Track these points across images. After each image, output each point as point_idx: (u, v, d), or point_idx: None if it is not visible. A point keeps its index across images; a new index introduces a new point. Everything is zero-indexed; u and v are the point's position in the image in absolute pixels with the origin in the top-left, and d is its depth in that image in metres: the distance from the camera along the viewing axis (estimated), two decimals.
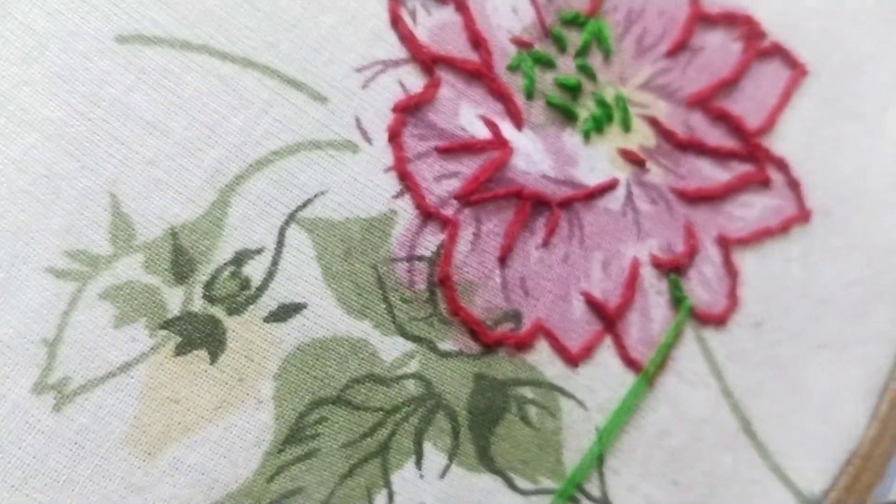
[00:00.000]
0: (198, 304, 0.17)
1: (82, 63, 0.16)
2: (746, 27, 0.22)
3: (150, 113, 0.17)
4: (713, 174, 0.21)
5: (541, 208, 0.19)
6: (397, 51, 0.18)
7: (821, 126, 0.22)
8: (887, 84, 0.24)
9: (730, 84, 0.21)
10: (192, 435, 0.16)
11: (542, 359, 0.19)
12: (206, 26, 0.17)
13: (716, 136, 0.21)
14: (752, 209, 0.21)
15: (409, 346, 0.18)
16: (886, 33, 0.24)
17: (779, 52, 0.22)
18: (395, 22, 0.18)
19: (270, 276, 0.17)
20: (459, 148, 0.19)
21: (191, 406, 0.16)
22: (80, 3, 0.16)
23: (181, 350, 0.16)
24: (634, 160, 0.21)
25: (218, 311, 0.17)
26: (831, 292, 0.22)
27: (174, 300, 0.16)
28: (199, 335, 0.16)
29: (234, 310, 0.17)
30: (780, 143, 0.22)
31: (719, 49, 0.22)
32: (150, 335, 0.16)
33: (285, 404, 0.17)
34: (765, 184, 0.21)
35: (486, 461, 0.18)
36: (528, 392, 0.19)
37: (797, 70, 0.22)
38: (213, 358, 0.16)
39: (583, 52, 0.20)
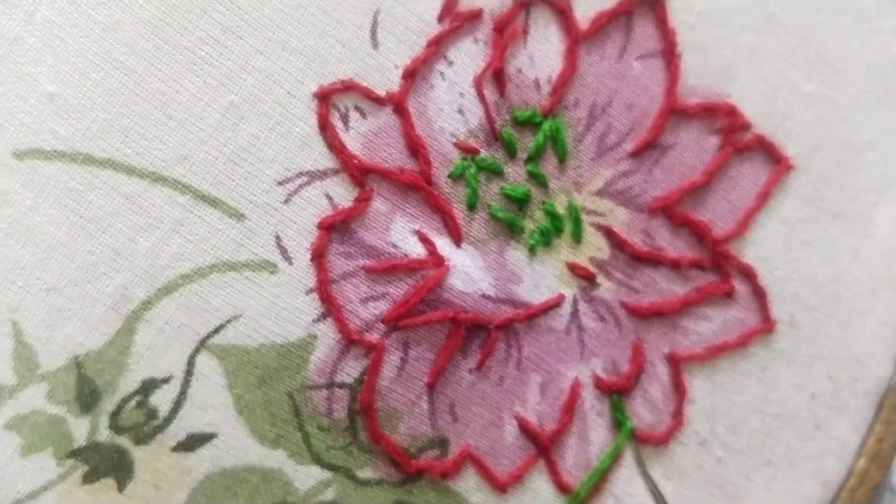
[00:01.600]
0: (104, 434, 0.16)
1: None
2: (727, 119, 0.19)
3: (51, 235, 0.15)
4: (671, 286, 0.19)
5: (477, 330, 0.18)
6: (325, 160, 0.17)
7: (800, 228, 0.20)
8: (882, 176, 0.21)
9: (700, 187, 0.19)
10: None
11: (469, 486, 0.18)
12: (112, 138, 0.15)
13: (680, 245, 0.19)
14: (709, 322, 0.20)
15: (326, 474, 0.17)
16: (888, 117, 0.21)
17: (762, 146, 0.20)
18: (324, 128, 0.16)
19: (178, 405, 0.16)
20: (389, 268, 0.17)
21: None
22: None
23: (89, 479, 0.16)
24: (583, 275, 0.19)
25: (124, 441, 0.16)
26: (787, 408, 0.20)
27: (80, 430, 0.16)
28: (107, 465, 0.16)
29: (141, 440, 0.16)
30: (751, 248, 0.20)
31: (693, 146, 0.19)
32: (57, 464, 0.16)
33: None
34: (728, 295, 0.19)
35: None
36: None
37: (780, 166, 0.20)
38: (122, 486, 0.16)
39: (535, 156, 0.18)
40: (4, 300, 0.15)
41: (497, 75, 0.18)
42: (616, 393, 0.19)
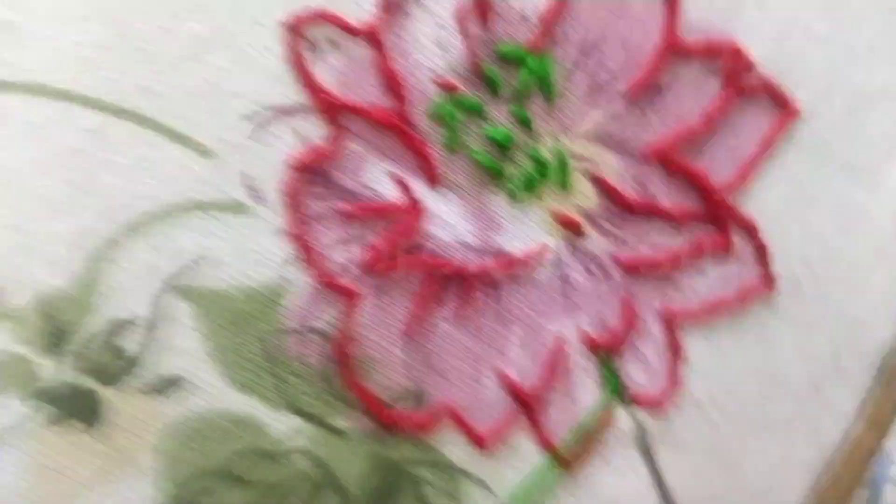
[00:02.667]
0: (69, 374, 0.15)
1: None
2: (730, 60, 0.17)
3: (10, 172, 0.14)
4: (664, 239, 0.17)
5: (455, 278, 0.16)
6: (295, 95, 0.15)
7: (806, 179, 0.18)
8: (894, 129, 0.18)
9: (699, 133, 0.17)
10: (76, 503, 0.15)
11: (447, 440, 0.16)
12: (70, 68, 0.14)
13: (674, 194, 0.17)
14: (706, 278, 0.18)
15: (299, 421, 0.16)
16: None
17: (767, 91, 0.17)
18: (294, 61, 0.15)
19: (146, 346, 0.15)
20: (363, 210, 0.16)
21: (72, 476, 0.15)
22: None
23: (56, 420, 0.15)
24: (569, 225, 0.17)
25: (91, 382, 0.15)
26: (785, 371, 0.18)
27: (45, 370, 0.15)
28: (74, 406, 0.15)
29: (109, 381, 0.15)
30: (753, 201, 0.18)
31: (692, 88, 0.17)
32: (21, 404, 0.15)
33: (166, 476, 0.15)
34: (726, 250, 0.18)
35: None
36: (426, 473, 0.16)
37: (786, 112, 0.17)
38: (90, 428, 0.15)
39: (520, 96, 0.16)
40: None
41: (481, 5, 0.16)
42: (604, 350, 0.17)
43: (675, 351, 0.18)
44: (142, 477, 0.15)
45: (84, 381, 0.15)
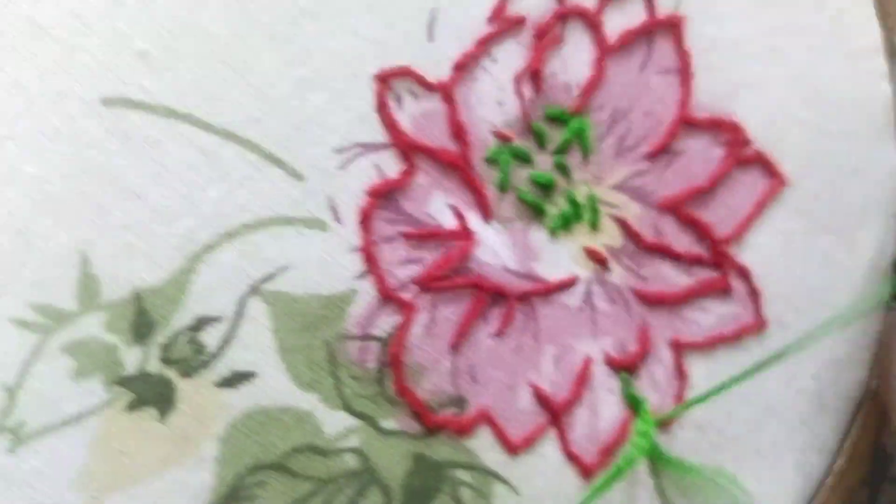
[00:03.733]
0: (153, 365, 0.15)
1: (67, 123, 0.15)
2: (731, 134, 0.19)
3: (128, 178, 0.15)
4: (675, 278, 0.19)
5: (498, 299, 0.18)
6: (378, 135, 0.17)
7: (792, 238, 0.20)
8: (865, 201, 0.21)
9: (705, 192, 0.19)
10: (137, 485, 0.15)
11: (483, 445, 0.17)
12: (193, 96, 0.15)
13: (684, 241, 0.19)
14: (709, 315, 0.19)
15: (352, 421, 0.16)
16: (872, 150, 0.21)
17: (760, 161, 0.20)
18: (381, 107, 0.17)
19: (226, 343, 0.16)
20: (425, 236, 0.17)
21: (137, 458, 0.15)
22: (70, 64, 0.15)
23: (133, 406, 0.15)
24: (597, 259, 0.18)
25: (172, 373, 0.15)
26: (776, 401, 0.20)
27: (131, 359, 0.15)
28: (152, 394, 0.15)
29: (188, 373, 0.15)
30: (748, 252, 0.20)
31: (700, 154, 0.19)
32: (105, 390, 0.15)
33: (227, 466, 0.16)
34: (725, 291, 0.19)
35: None
36: (464, 475, 0.17)
37: (776, 180, 0.20)
38: (162, 416, 0.15)
39: (562, 149, 0.18)
40: (77, 233, 0.15)
41: (534, 75, 0.18)
42: (625, 370, 0.18)
43: (681, 375, 0.19)
44: (203, 464, 0.15)
45: (165, 372, 0.15)
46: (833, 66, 0.21)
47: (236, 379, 0.15)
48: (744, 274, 0.20)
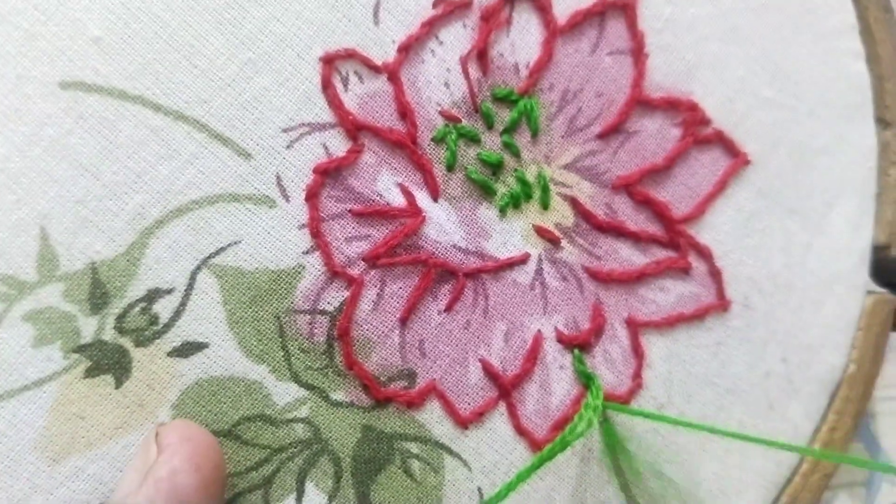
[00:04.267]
0: (109, 334, 0.15)
1: (27, 104, 0.15)
2: (688, 114, 0.19)
3: (83, 156, 0.15)
4: (631, 258, 0.18)
5: (448, 276, 0.17)
6: (325, 115, 0.16)
7: (755, 217, 0.19)
8: (836, 181, 0.20)
9: (660, 170, 0.18)
10: (94, 449, 0.15)
11: (432, 418, 0.17)
12: (145, 78, 0.15)
13: (640, 221, 0.19)
14: (667, 294, 0.19)
15: (302, 392, 0.16)
16: (844, 128, 0.20)
17: (720, 141, 0.19)
18: (326, 87, 0.16)
19: (178, 314, 0.16)
20: (373, 213, 0.17)
21: (94, 423, 0.15)
22: (29, 49, 0.15)
23: (90, 373, 0.15)
24: (549, 237, 0.18)
25: (126, 342, 0.16)
26: (739, 384, 0.19)
27: (88, 328, 0.15)
28: (108, 361, 0.15)
29: (142, 342, 0.16)
30: (708, 231, 0.19)
31: (656, 134, 0.19)
32: (63, 357, 0.15)
33: None
34: (684, 271, 0.19)
35: None
36: (413, 447, 0.17)
37: (738, 159, 0.19)
38: (118, 383, 0.15)
39: (509, 129, 0.18)
40: (37, 207, 0.15)
41: (481, 56, 0.17)
42: (577, 347, 0.18)
43: (638, 354, 0.18)
44: None
45: (120, 340, 0.15)
46: (801, 46, 0.20)
47: (188, 349, 0.16)
48: (704, 254, 0.19)
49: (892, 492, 0.22)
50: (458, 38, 0.18)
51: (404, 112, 0.17)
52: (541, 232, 0.18)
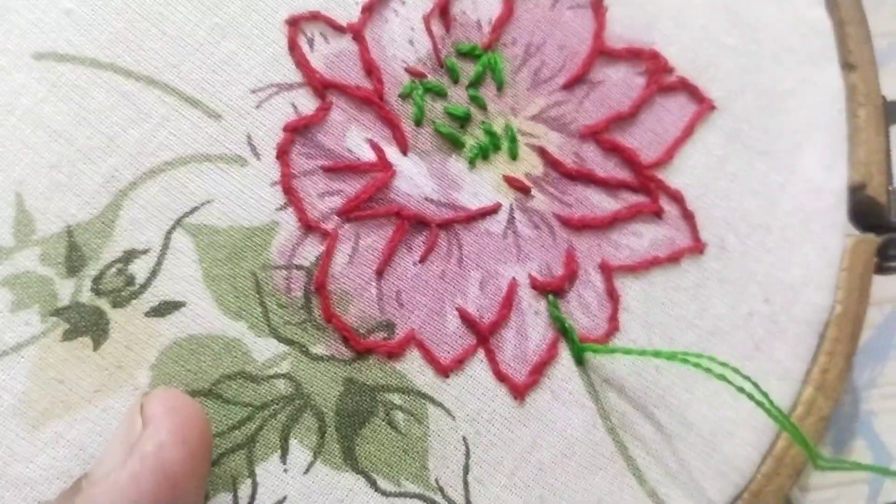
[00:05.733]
0: (86, 296, 0.15)
1: (1, 76, 0.16)
2: (651, 62, 0.19)
3: (57, 122, 0.16)
4: (602, 204, 0.19)
5: (422, 228, 0.17)
6: (292, 75, 0.17)
7: (726, 161, 0.19)
8: (805, 122, 0.20)
9: (626, 118, 0.19)
10: (73, 413, 0.15)
11: (413, 368, 0.17)
12: (115, 47, 0.16)
13: (609, 168, 0.19)
14: (641, 239, 0.19)
15: (282, 348, 0.16)
16: (809, 72, 0.20)
17: (685, 88, 0.19)
18: (292, 48, 0.17)
19: (154, 274, 0.16)
20: (344, 168, 0.17)
21: (73, 387, 0.15)
22: (3, 22, 0.16)
23: (68, 336, 0.15)
24: (518, 187, 0.18)
25: (103, 304, 0.15)
26: (722, 325, 0.19)
27: (65, 291, 0.15)
28: (85, 324, 0.15)
29: (119, 303, 0.16)
30: (679, 176, 0.19)
31: (621, 83, 0.19)
32: (41, 321, 0.15)
33: None
34: (657, 215, 0.19)
35: (351, 461, 0.16)
36: (396, 398, 0.17)
37: (704, 105, 0.19)
38: (97, 345, 0.15)
39: (475, 83, 0.18)
40: (12, 174, 0.15)
41: (443, 13, 0.18)
42: (551, 293, 0.18)
43: (613, 297, 0.18)
44: (137, 393, 0.15)
45: (97, 302, 0.15)
46: None
47: (165, 308, 0.16)
48: (676, 197, 0.20)
49: None
50: None
51: (370, 69, 0.17)
52: (511, 182, 0.18)
